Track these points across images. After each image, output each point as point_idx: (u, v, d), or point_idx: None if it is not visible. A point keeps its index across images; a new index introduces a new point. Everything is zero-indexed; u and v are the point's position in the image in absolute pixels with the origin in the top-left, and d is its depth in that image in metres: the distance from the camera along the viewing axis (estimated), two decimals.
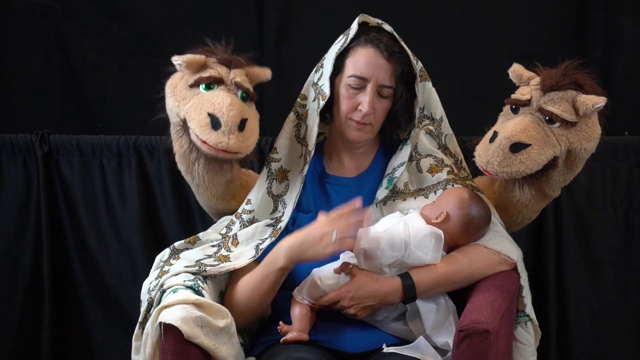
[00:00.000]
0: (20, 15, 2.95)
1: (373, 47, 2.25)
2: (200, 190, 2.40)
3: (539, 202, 2.36)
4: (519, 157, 2.15)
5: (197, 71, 2.25)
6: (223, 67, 2.26)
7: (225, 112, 2.15)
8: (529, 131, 2.16)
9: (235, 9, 2.95)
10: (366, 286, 2.14)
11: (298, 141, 2.35)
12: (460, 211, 2.19)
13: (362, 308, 2.16)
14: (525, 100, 2.22)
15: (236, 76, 2.25)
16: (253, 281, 2.20)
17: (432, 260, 2.16)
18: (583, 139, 2.20)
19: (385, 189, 2.32)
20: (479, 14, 2.93)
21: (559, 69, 2.22)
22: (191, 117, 2.19)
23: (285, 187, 2.33)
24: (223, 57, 2.27)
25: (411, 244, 2.15)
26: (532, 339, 2.24)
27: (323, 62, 2.32)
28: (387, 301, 2.16)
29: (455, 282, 2.18)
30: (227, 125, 2.15)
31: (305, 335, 2.16)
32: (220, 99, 2.18)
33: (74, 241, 2.85)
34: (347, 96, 2.26)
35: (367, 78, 2.24)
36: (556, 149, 2.18)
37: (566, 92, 2.19)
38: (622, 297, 2.80)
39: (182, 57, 2.23)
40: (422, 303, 2.16)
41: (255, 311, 2.23)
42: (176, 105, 2.24)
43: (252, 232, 2.29)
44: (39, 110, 2.99)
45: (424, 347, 2.11)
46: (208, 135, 2.15)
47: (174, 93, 2.25)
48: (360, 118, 2.26)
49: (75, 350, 2.90)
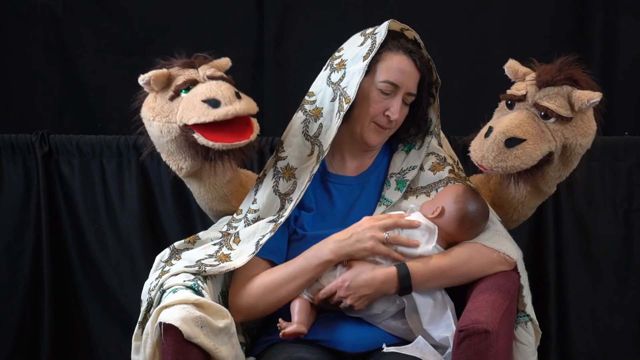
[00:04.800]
0: (20, 15, 2.95)
1: (406, 55, 2.27)
2: (202, 193, 2.41)
3: (534, 198, 2.37)
4: (514, 152, 2.15)
5: (165, 85, 2.26)
6: (189, 70, 2.27)
7: (217, 90, 2.17)
8: (524, 126, 2.16)
9: (235, 9, 2.95)
10: (362, 275, 2.15)
11: (307, 139, 2.34)
12: (455, 205, 2.20)
13: (358, 298, 2.16)
14: (521, 96, 2.22)
15: (206, 71, 2.26)
16: (286, 275, 2.20)
17: (423, 252, 2.17)
18: (578, 135, 2.20)
19: (395, 190, 2.33)
20: (479, 14, 2.93)
21: (554, 64, 2.22)
22: (189, 116, 2.19)
23: (292, 185, 2.32)
24: (184, 62, 2.29)
25: (402, 234, 2.18)
26: (532, 339, 2.24)
27: (345, 63, 2.30)
28: (383, 290, 2.16)
29: (452, 276, 2.18)
30: (225, 97, 2.16)
31: (304, 327, 2.16)
32: (205, 86, 2.20)
33: (74, 241, 2.85)
34: (377, 100, 2.27)
35: (400, 85, 2.26)
36: (551, 145, 2.18)
37: (562, 87, 2.19)
38: (622, 297, 2.80)
39: (147, 75, 2.25)
40: (419, 297, 2.16)
41: (277, 306, 2.23)
42: (166, 122, 2.24)
43: (254, 230, 2.29)
44: (39, 110, 2.98)
45: (424, 346, 2.12)
46: (214, 113, 2.15)
47: (158, 113, 2.26)
48: (386, 123, 2.28)
49: (75, 350, 2.90)
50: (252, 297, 2.22)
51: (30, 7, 2.95)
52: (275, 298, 2.21)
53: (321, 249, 2.20)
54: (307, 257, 2.21)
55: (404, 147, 2.39)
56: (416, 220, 2.20)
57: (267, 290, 2.21)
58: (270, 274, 2.23)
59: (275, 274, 2.23)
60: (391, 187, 2.34)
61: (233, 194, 2.43)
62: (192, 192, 2.46)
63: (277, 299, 2.21)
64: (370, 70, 2.27)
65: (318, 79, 2.37)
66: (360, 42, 2.30)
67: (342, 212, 2.33)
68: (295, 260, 2.23)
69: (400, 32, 2.31)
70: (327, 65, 2.37)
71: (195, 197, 2.48)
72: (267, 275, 2.23)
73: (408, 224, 2.19)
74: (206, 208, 2.49)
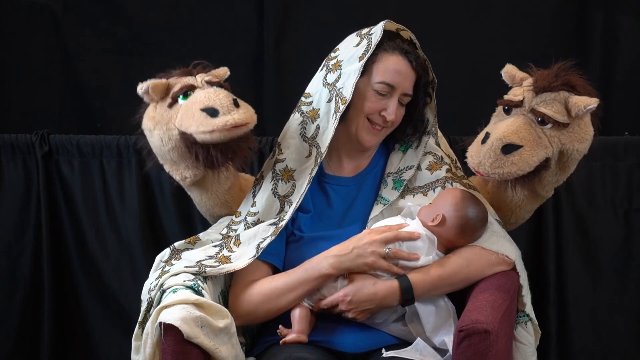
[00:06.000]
0: (20, 15, 2.95)
1: (402, 56, 2.27)
2: (203, 200, 2.41)
3: (531, 202, 2.37)
4: (510, 158, 2.15)
5: (164, 94, 2.26)
6: (187, 77, 2.27)
7: (215, 99, 2.17)
8: (520, 132, 2.16)
9: (235, 9, 2.96)
10: (364, 289, 2.15)
11: (305, 140, 2.34)
12: (455, 213, 2.19)
13: (360, 312, 2.16)
14: (518, 101, 2.22)
15: (204, 77, 2.27)
16: (285, 285, 2.20)
17: (424, 262, 2.16)
18: (575, 140, 2.19)
19: (392, 189, 2.33)
20: (479, 14, 2.93)
21: (551, 69, 2.22)
22: (188, 125, 2.18)
23: (291, 187, 2.32)
24: (182, 71, 2.29)
25: (403, 246, 2.17)
26: (532, 339, 2.24)
27: (341, 64, 2.30)
28: (385, 304, 2.16)
29: (453, 283, 2.18)
30: (223, 106, 2.16)
31: (304, 336, 2.17)
32: (202, 94, 2.20)
33: (74, 241, 2.85)
34: (373, 101, 2.27)
35: (396, 86, 2.26)
36: (548, 150, 2.18)
37: (558, 93, 2.19)
38: (622, 297, 2.80)
39: (145, 83, 2.25)
40: (421, 306, 2.16)
41: (276, 313, 2.22)
42: (166, 130, 2.24)
43: (254, 232, 2.29)
44: (39, 110, 2.99)
45: (423, 348, 2.11)
46: (213, 123, 2.15)
47: (158, 122, 2.26)
48: (381, 122, 2.28)
49: (75, 350, 2.89)
50: (251, 304, 2.22)
51: (30, 7, 2.95)
52: (275, 306, 2.21)
53: (321, 262, 2.19)
54: (307, 269, 2.20)
55: (400, 147, 2.39)
56: (416, 232, 2.18)
57: (266, 299, 2.21)
58: (270, 281, 2.23)
59: (275, 283, 2.22)
60: (388, 187, 2.34)
61: (234, 199, 2.44)
62: (194, 199, 2.46)
63: (276, 307, 2.21)
64: (366, 71, 2.26)
65: (314, 79, 2.37)
66: (356, 42, 2.30)
67: (339, 213, 2.32)
68: (295, 270, 2.22)
69: (396, 32, 2.31)
70: (323, 66, 2.36)
71: (196, 204, 2.48)
72: (267, 282, 2.23)
73: (409, 236, 2.18)
74: (207, 214, 2.49)
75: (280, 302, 2.20)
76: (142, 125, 2.31)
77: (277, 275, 2.24)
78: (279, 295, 2.20)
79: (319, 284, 2.19)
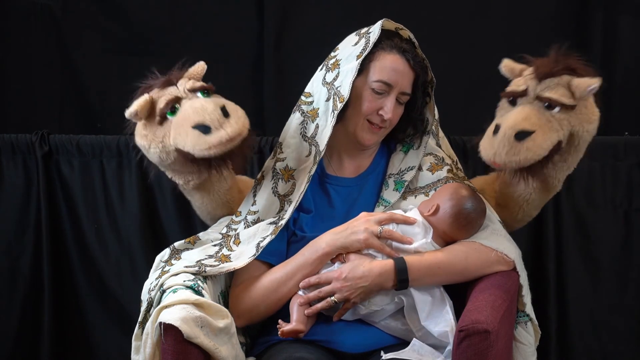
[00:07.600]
0: (20, 15, 2.95)
1: (399, 54, 2.27)
2: (205, 203, 2.41)
3: (540, 196, 2.37)
4: (525, 144, 2.15)
5: (152, 111, 2.26)
6: (168, 88, 2.26)
7: (203, 114, 2.17)
8: (531, 119, 2.17)
9: (235, 9, 2.95)
10: (359, 267, 2.16)
11: (305, 140, 2.34)
12: (450, 202, 2.21)
13: (355, 289, 2.15)
14: (522, 91, 2.24)
15: (185, 84, 2.26)
16: (285, 274, 2.21)
17: (418, 246, 2.18)
18: (584, 121, 2.21)
19: (394, 190, 2.33)
20: (479, 14, 2.93)
21: (550, 56, 2.24)
22: (183, 144, 2.19)
23: (291, 186, 2.33)
24: (162, 82, 2.28)
25: (398, 230, 2.19)
26: (532, 339, 2.24)
27: (339, 63, 2.30)
28: (380, 283, 2.15)
29: (449, 273, 2.18)
30: (214, 121, 2.17)
31: (302, 325, 2.17)
32: (190, 110, 2.20)
33: (74, 241, 2.85)
34: (370, 99, 2.27)
35: (393, 85, 2.26)
36: (560, 134, 2.19)
37: (561, 77, 2.21)
38: (622, 297, 2.80)
39: (131, 109, 2.24)
40: (417, 294, 2.17)
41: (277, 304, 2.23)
42: (162, 147, 2.25)
43: (254, 231, 2.29)
44: (39, 110, 2.98)
45: (420, 347, 2.11)
46: (208, 141, 2.16)
47: (152, 140, 2.26)
48: (379, 122, 2.28)
49: (75, 350, 2.90)
50: (252, 299, 2.22)
51: (30, 7, 2.95)
52: (276, 297, 2.22)
53: (318, 242, 2.21)
54: (305, 252, 2.22)
55: (402, 147, 2.39)
56: (412, 217, 2.21)
57: (267, 291, 2.22)
58: (269, 274, 2.24)
59: (274, 274, 2.23)
60: (389, 188, 2.34)
61: (234, 199, 2.44)
62: (194, 204, 2.47)
63: (277, 298, 2.22)
64: (364, 69, 2.27)
65: (314, 79, 2.37)
66: (355, 41, 2.30)
67: (341, 214, 2.32)
68: (293, 257, 2.23)
69: (395, 31, 2.31)
70: (322, 65, 2.37)
71: (197, 209, 2.49)
72: (266, 276, 2.24)
73: (403, 219, 2.21)
74: (208, 218, 2.49)
75: (281, 291, 2.21)
76: (136, 142, 2.31)
77: (275, 267, 2.25)
78: (278, 285, 2.21)
79: (318, 267, 2.20)
